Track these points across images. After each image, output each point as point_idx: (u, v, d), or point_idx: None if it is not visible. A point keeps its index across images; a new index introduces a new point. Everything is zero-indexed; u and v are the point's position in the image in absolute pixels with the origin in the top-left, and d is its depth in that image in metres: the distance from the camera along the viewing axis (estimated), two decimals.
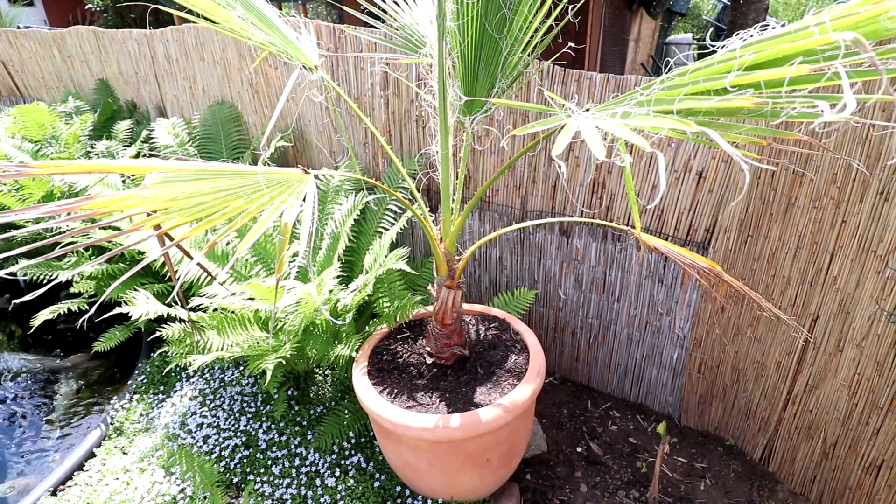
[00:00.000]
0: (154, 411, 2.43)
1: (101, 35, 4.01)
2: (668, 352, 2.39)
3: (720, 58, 0.79)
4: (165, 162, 0.94)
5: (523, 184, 2.45)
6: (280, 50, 1.48)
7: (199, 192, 0.90)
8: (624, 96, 1.03)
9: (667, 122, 0.74)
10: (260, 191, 0.95)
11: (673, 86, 0.80)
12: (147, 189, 0.86)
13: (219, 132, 3.26)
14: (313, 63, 1.57)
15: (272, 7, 1.61)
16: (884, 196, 1.65)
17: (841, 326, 1.83)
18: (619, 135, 0.77)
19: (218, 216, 0.86)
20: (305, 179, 1.05)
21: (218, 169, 0.99)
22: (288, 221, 0.89)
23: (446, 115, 1.50)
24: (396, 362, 1.93)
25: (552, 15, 1.35)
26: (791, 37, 0.71)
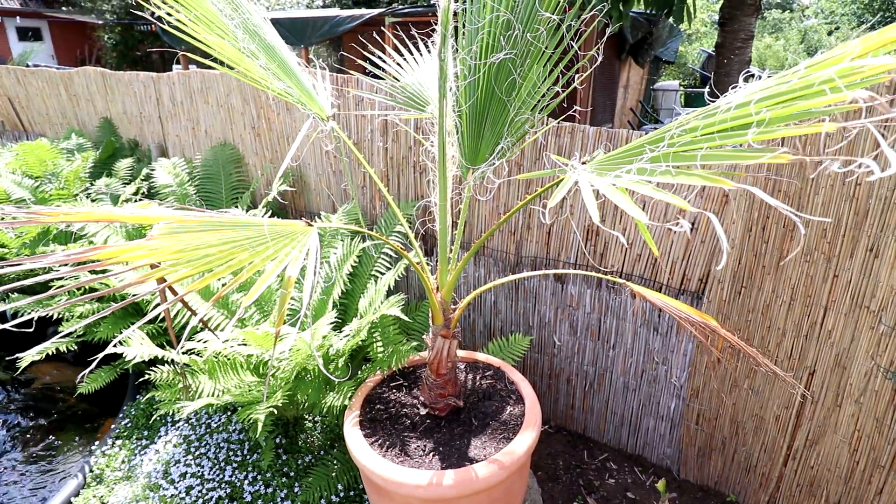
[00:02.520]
0: (136, 458, 2.34)
1: (109, 76, 4.12)
2: (666, 402, 2.36)
3: (730, 114, 0.80)
4: (172, 212, 0.95)
5: (518, 230, 2.48)
6: (297, 100, 1.52)
7: (206, 243, 0.91)
8: (627, 150, 1.04)
9: (695, 179, 0.75)
10: (265, 243, 0.96)
11: (687, 142, 0.82)
12: (154, 240, 0.87)
13: (219, 173, 3.30)
14: (326, 114, 1.61)
15: (293, 54, 1.67)
16: (873, 252, 1.68)
17: (838, 381, 1.82)
18: (645, 192, 0.78)
19: (223, 269, 0.87)
20: (308, 232, 1.06)
21: (224, 220, 1.00)
22: (291, 276, 0.89)
23: (446, 169, 1.53)
24: (389, 412, 1.89)
25: (559, 81, 1.41)
26: (801, 92, 0.74)
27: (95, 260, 0.90)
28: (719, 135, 0.79)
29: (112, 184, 3.52)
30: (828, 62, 0.73)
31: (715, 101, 0.87)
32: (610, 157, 1.04)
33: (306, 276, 0.96)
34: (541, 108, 1.43)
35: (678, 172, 0.79)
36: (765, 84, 0.80)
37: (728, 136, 0.78)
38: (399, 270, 2.37)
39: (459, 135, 1.59)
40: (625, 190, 0.86)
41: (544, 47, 1.33)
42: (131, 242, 0.86)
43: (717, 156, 0.78)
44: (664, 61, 9.29)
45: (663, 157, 0.83)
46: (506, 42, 1.41)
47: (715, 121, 0.80)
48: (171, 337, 0.98)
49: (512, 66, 1.39)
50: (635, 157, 0.91)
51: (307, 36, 6.88)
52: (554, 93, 1.39)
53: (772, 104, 0.74)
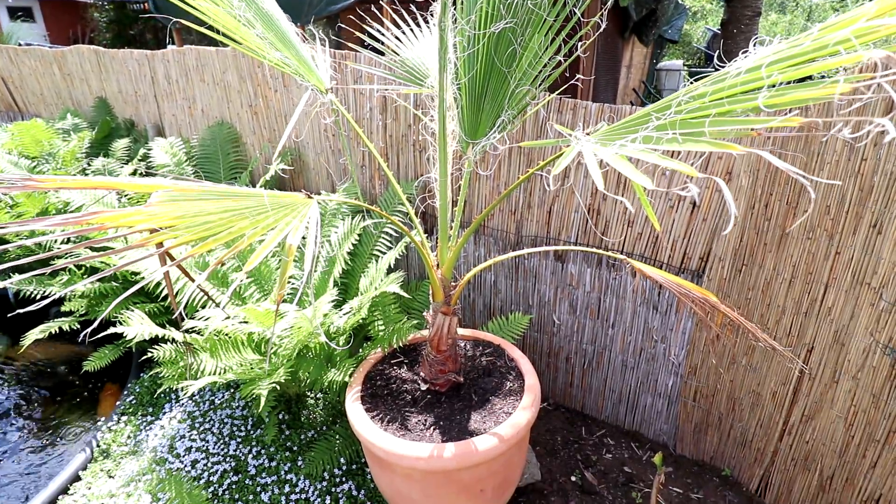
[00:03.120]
0: (142, 433, 2.37)
1: (102, 55, 4.05)
2: (663, 379, 2.38)
3: (740, 79, 0.78)
4: (170, 181, 0.94)
5: (518, 209, 2.46)
6: (294, 71, 1.49)
7: (205, 211, 0.90)
8: (632, 119, 1.03)
9: (702, 145, 0.74)
10: (265, 213, 0.95)
11: (694, 108, 0.81)
12: (153, 206, 0.86)
13: (217, 152, 3.28)
14: (325, 86, 1.58)
15: (292, 25, 1.63)
16: (876, 229, 1.67)
17: (836, 358, 1.84)
18: (650, 161, 0.77)
19: (224, 235, 0.86)
20: (308, 204, 1.05)
21: (223, 190, 0.99)
22: (292, 244, 0.89)
23: (446, 143, 1.51)
24: (390, 388, 1.90)
25: (561, 50, 1.38)
26: (814, 53, 0.72)
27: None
28: (728, 100, 0.77)
29: (109, 164, 3.50)
30: (842, 23, 0.71)
31: (724, 67, 0.85)
32: (614, 128, 1.02)
33: (307, 246, 0.95)
34: (542, 78, 1.40)
35: (685, 139, 0.77)
36: (776, 48, 0.78)
37: (738, 101, 0.76)
38: (400, 249, 2.37)
39: (459, 109, 1.57)
40: (628, 159, 0.85)
41: (546, 15, 1.30)
42: (130, 208, 0.85)
43: (725, 121, 0.76)
44: (668, 40, 9.14)
45: (670, 125, 0.82)
46: (506, 11, 1.38)
47: (724, 86, 0.78)
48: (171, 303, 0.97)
49: (512, 36, 1.37)
50: (640, 126, 0.89)
51: (304, 13, 6.74)
52: (556, 62, 1.37)
53: (784, 67, 0.73)
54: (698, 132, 0.79)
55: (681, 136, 0.79)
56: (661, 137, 0.82)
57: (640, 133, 0.86)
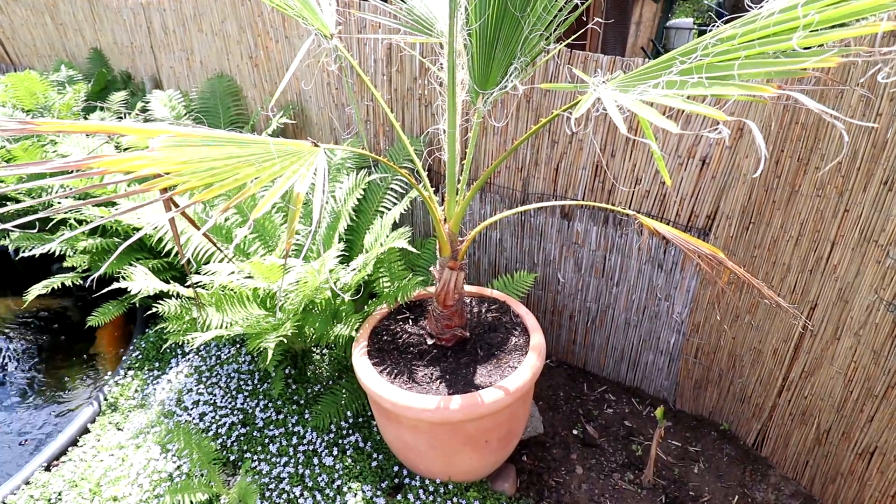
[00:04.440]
0: (149, 388, 2.42)
1: (96, 3, 3.90)
2: (666, 337, 2.41)
3: (773, 19, 0.73)
4: (174, 126, 0.91)
5: (525, 166, 2.43)
6: (297, 14, 1.43)
7: (210, 157, 0.88)
8: (655, 64, 0.97)
9: (731, 89, 0.71)
10: (271, 160, 0.93)
11: (722, 51, 0.77)
12: (156, 151, 0.84)
13: (217, 106, 3.20)
14: (330, 30, 1.52)
15: None
16: (888, 186, 1.65)
17: (839, 315, 1.85)
18: (675, 105, 0.74)
19: (230, 182, 0.84)
20: (315, 152, 1.02)
21: (227, 136, 0.96)
22: (300, 192, 0.87)
23: (455, 93, 1.47)
24: (396, 343, 1.93)
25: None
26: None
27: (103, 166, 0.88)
28: (759, 42, 0.74)
29: (106, 117, 3.42)
30: None
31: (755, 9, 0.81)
32: (633, 75, 0.98)
33: (315, 196, 0.94)
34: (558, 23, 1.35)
35: (712, 83, 0.74)
36: None
37: (770, 42, 0.72)
38: (405, 204, 2.35)
39: (469, 57, 1.51)
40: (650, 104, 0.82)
41: None
42: (133, 152, 0.83)
43: (757, 63, 0.73)
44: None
45: (696, 69, 0.78)
46: None
47: (756, 27, 0.74)
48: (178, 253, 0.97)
49: None
50: (664, 71, 0.85)
51: None
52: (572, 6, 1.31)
53: (821, 6, 0.69)
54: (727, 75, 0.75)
55: (707, 80, 0.76)
56: (686, 81, 0.78)
57: (662, 78, 0.82)
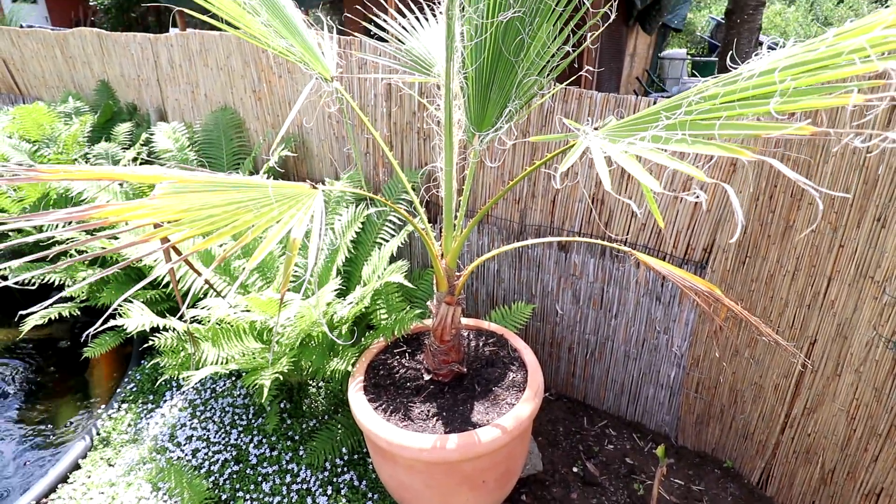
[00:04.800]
0: (143, 421, 2.39)
1: (105, 38, 4.01)
2: (666, 370, 2.39)
3: (753, 82, 0.76)
4: (175, 171, 0.93)
5: (522, 198, 2.45)
6: (299, 59, 1.47)
7: (210, 204, 0.89)
8: (641, 116, 1.01)
9: (712, 149, 0.73)
10: (269, 204, 0.95)
11: (705, 110, 0.79)
12: (157, 199, 0.85)
13: (220, 138, 3.25)
14: (330, 74, 1.56)
15: (298, 11, 1.61)
16: (881, 223, 1.66)
17: (839, 351, 1.83)
18: (660, 161, 0.76)
19: (228, 229, 0.85)
20: (313, 195, 1.04)
21: (228, 181, 0.98)
22: (297, 238, 0.88)
23: (452, 133, 1.50)
24: (393, 378, 1.91)
25: (570, 41, 1.36)
26: (829, 62, 0.70)
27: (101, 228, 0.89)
28: (740, 104, 0.76)
29: (111, 148, 3.48)
30: (858, 30, 0.70)
31: (736, 69, 0.83)
32: (623, 124, 1.01)
33: (311, 239, 0.95)
34: (550, 68, 1.38)
35: (694, 141, 0.76)
36: (790, 52, 0.76)
37: (749, 105, 0.75)
38: (402, 237, 2.36)
39: (466, 98, 1.55)
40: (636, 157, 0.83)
41: (554, 4, 1.28)
42: (134, 201, 0.84)
43: (736, 125, 0.75)
44: (672, 29, 9.05)
45: (679, 125, 0.80)
46: (514, 0, 1.36)
47: (736, 88, 0.77)
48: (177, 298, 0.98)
49: (520, 26, 1.35)
50: (650, 124, 0.88)
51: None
52: (564, 52, 1.35)
53: (797, 73, 0.71)
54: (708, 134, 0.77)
55: (690, 138, 0.78)
56: (670, 137, 0.80)
57: (648, 131, 0.84)
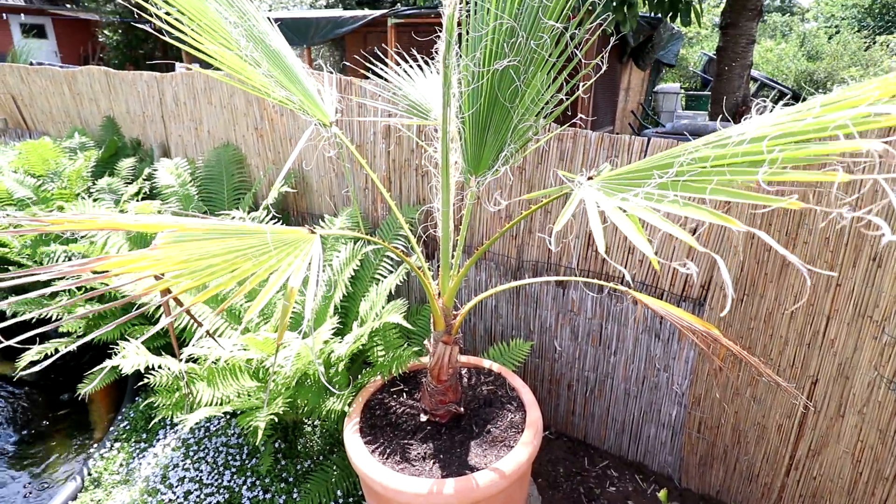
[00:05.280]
0: (135, 461, 2.34)
1: (113, 76, 4.11)
2: (667, 409, 2.35)
3: (742, 149, 0.78)
4: (176, 219, 0.95)
5: (520, 234, 2.47)
6: (298, 107, 1.51)
7: (210, 253, 0.90)
8: (634, 171, 1.03)
9: (703, 214, 0.75)
10: (267, 252, 0.96)
11: (696, 173, 0.82)
12: (158, 249, 0.86)
13: (222, 173, 3.30)
14: (329, 120, 1.60)
15: (299, 60, 1.66)
16: (876, 262, 1.67)
17: (841, 391, 1.82)
18: (652, 222, 0.78)
19: (227, 279, 0.86)
20: (311, 241, 1.05)
21: (228, 228, 0.99)
22: (294, 286, 0.89)
23: (449, 175, 1.52)
24: (389, 418, 1.88)
25: (563, 89, 1.40)
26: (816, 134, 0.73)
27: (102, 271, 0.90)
28: (730, 169, 0.78)
29: (114, 183, 3.52)
30: (844, 104, 0.72)
31: (726, 130, 0.86)
32: (617, 176, 1.03)
33: (308, 285, 0.95)
34: (544, 115, 1.42)
35: (686, 204, 0.78)
36: (779, 119, 0.79)
37: (739, 172, 0.77)
38: (400, 275, 2.37)
39: (462, 141, 1.58)
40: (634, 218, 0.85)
41: (548, 55, 1.32)
42: (135, 253, 0.85)
43: (727, 192, 0.77)
44: (665, 64, 9.30)
45: (671, 186, 0.82)
46: (509, 49, 1.40)
47: (726, 153, 0.79)
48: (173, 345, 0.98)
49: (515, 74, 1.39)
50: (643, 180, 0.90)
51: (310, 36, 6.87)
52: (557, 100, 1.38)
53: (785, 143, 0.73)
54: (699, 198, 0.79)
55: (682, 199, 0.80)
56: (662, 196, 0.82)
57: (642, 188, 0.86)
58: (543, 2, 1.36)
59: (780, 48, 13.24)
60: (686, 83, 13.12)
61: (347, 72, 9.06)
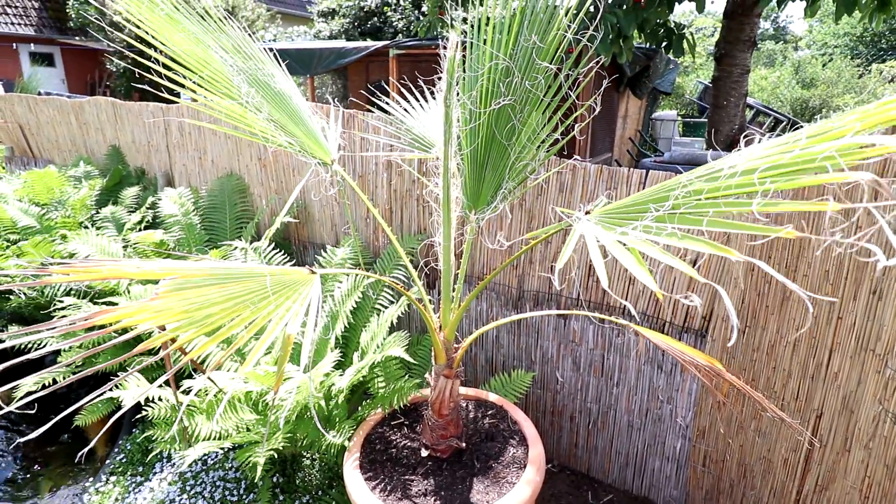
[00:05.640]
0: (130, 496, 2.30)
1: (119, 106, 4.19)
2: (671, 442, 2.32)
3: (735, 181, 0.80)
4: (177, 265, 0.96)
5: (520, 264, 2.48)
6: (298, 150, 1.54)
7: (209, 301, 0.91)
8: (631, 204, 1.05)
9: (702, 245, 0.76)
10: (266, 297, 0.96)
11: (692, 205, 0.83)
12: (158, 300, 0.87)
13: (224, 203, 3.33)
14: (330, 158, 1.63)
15: (303, 99, 1.69)
16: (876, 295, 1.67)
17: (846, 425, 1.79)
18: (653, 254, 0.79)
19: (225, 330, 0.87)
20: (310, 282, 1.06)
21: (228, 272, 1.00)
22: (291, 333, 0.89)
23: (449, 210, 1.54)
24: (390, 453, 1.86)
25: (559, 129, 1.43)
26: (804, 165, 0.74)
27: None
28: (725, 202, 0.80)
29: (117, 212, 3.55)
30: (829, 135, 0.74)
31: (716, 163, 0.88)
32: (614, 210, 1.04)
33: (306, 329, 0.96)
34: (540, 154, 1.45)
35: (683, 236, 0.79)
36: (768, 151, 0.81)
37: (733, 203, 0.79)
38: (402, 306, 2.37)
39: (463, 177, 1.61)
40: (635, 251, 0.86)
41: (542, 95, 1.36)
42: (136, 304, 0.86)
43: (723, 224, 0.78)
44: (662, 92, 9.47)
45: (668, 218, 0.84)
46: (505, 88, 1.44)
47: (719, 186, 0.81)
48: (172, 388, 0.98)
49: (512, 112, 1.42)
50: (640, 213, 0.91)
51: (313, 66, 7.03)
52: (553, 139, 1.41)
53: (775, 175, 0.75)
54: (696, 230, 0.81)
55: (679, 232, 0.81)
56: (661, 229, 0.84)
57: (640, 221, 0.88)
58: (537, 44, 1.40)
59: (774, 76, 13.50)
60: (683, 110, 13.33)
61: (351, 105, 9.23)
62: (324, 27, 12.23)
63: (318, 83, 10.72)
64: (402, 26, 11.38)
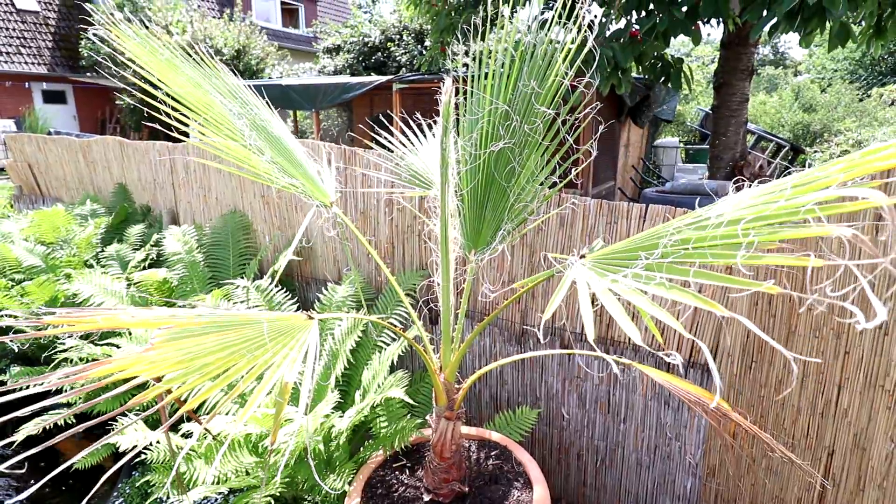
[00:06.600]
0: None
1: (126, 146, 4.29)
2: (681, 480, 2.25)
3: (721, 231, 0.81)
4: (172, 313, 0.96)
5: (523, 298, 2.47)
6: (301, 191, 1.57)
7: (205, 350, 0.91)
8: (623, 250, 1.05)
9: (688, 297, 0.76)
10: (263, 345, 0.96)
11: (679, 255, 0.84)
12: (153, 350, 0.88)
13: (228, 240, 3.36)
14: (329, 200, 1.65)
15: (298, 143, 1.73)
16: (883, 330, 1.65)
17: (859, 463, 1.74)
18: (640, 305, 0.79)
19: (221, 381, 0.87)
20: (308, 328, 1.06)
21: (225, 319, 1.01)
22: (288, 381, 0.89)
23: (448, 250, 1.55)
24: (391, 497, 1.81)
25: (556, 171, 1.45)
26: (788, 217, 0.75)
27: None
28: (711, 252, 0.80)
29: (122, 250, 3.59)
30: (813, 186, 0.75)
31: (704, 211, 0.89)
32: (608, 255, 1.05)
33: (304, 376, 0.95)
34: (540, 195, 1.46)
35: (671, 287, 0.79)
36: (754, 200, 0.81)
37: (718, 255, 0.79)
38: (403, 344, 2.35)
39: (462, 217, 1.62)
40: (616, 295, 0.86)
41: (541, 139, 1.38)
42: (132, 355, 0.86)
43: (709, 276, 0.79)
44: (663, 120, 9.59)
45: (657, 267, 0.84)
46: (504, 132, 1.47)
47: (706, 235, 0.81)
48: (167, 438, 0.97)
49: (511, 155, 1.44)
50: (631, 260, 0.92)
51: (318, 101, 7.19)
52: (551, 182, 1.43)
53: (760, 226, 0.76)
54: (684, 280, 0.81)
55: (668, 282, 0.81)
56: (651, 277, 0.84)
57: (630, 269, 0.88)
58: (535, 89, 1.43)
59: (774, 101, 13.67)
60: (684, 137, 13.47)
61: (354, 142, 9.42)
62: (328, 62, 12.56)
63: (324, 116, 10.95)
64: (406, 60, 11.68)
